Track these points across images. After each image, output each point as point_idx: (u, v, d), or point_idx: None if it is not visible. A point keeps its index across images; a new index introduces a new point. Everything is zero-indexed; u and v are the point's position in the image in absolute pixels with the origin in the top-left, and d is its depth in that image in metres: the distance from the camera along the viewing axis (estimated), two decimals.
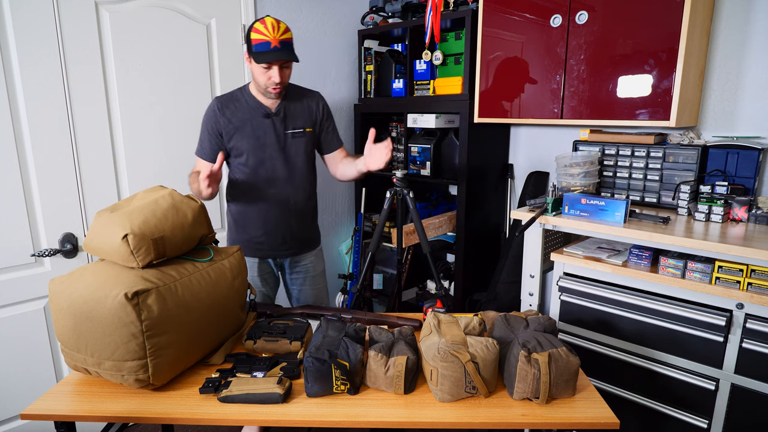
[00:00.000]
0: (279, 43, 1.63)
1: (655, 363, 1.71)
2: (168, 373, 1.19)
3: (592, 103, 1.93)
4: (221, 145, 1.79)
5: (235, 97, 1.80)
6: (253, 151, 1.78)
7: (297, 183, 1.86)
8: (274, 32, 1.62)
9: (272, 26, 1.62)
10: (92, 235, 1.22)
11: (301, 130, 1.84)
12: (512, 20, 2.11)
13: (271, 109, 1.80)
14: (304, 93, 1.89)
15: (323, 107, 1.92)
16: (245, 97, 1.80)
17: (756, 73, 1.87)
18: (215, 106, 1.77)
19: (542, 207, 1.90)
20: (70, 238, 1.94)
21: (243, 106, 1.78)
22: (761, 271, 1.47)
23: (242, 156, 1.79)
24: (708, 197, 1.76)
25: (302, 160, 1.86)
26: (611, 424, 1.10)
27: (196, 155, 1.84)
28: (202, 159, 1.81)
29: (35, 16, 1.77)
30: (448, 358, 1.12)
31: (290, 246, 1.92)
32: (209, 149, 1.79)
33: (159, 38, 2.10)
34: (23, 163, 1.82)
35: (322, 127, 1.92)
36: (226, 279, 1.33)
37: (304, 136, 1.85)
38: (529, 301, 2.04)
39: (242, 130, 1.77)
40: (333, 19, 2.78)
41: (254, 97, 1.79)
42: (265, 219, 1.85)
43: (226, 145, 1.79)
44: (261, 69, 1.67)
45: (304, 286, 2.00)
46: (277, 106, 1.80)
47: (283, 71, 1.69)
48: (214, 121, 1.77)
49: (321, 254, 2.06)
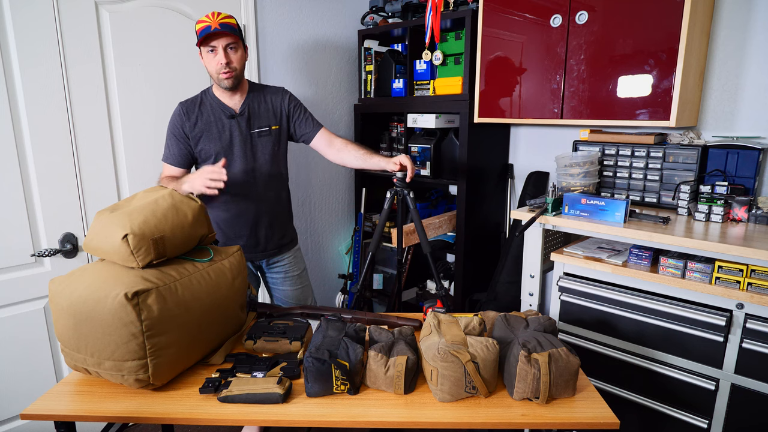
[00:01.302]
0: (219, 24, 1.65)
1: (655, 363, 1.71)
2: (168, 373, 1.19)
3: (592, 103, 1.93)
4: (189, 150, 1.79)
5: (199, 100, 1.81)
6: (220, 153, 1.78)
7: (266, 184, 1.85)
8: (213, 18, 1.66)
9: (213, 14, 1.67)
10: (92, 235, 1.22)
11: (266, 128, 1.83)
12: (512, 20, 2.11)
13: (235, 110, 1.80)
14: (267, 90, 1.88)
15: (288, 99, 1.89)
16: (209, 100, 1.80)
17: (756, 73, 1.87)
18: (180, 111, 1.78)
19: (542, 207, 1.90)
20: (70, 238, 1.94)
21: (207, 108, 1.79)
22: (761, 271, 1.47)
23: (210, 159, 1.78)
24: (708, 197, 1.76)
25: (269, 159, 1.85)
26: (611, 424, 1.10)
27: (163, 160, 1.83)
28: (169, 165, 1.81)
29: (35, 16, 1.77)
30: (448, 358, 1.12)
31: (264, 248, 1.91)
32: (177, 154, 1.79)
33: (159, 38, 2.10)
34: (23, 163, 1.82)
35: (291, 120, 1.90)
36: (226, 279, 1.33)
37: (271, 134, 1.84)
38: (529, 301, 2.04)
39: (208, 132, 1.77)
40: (333, 19, 2.78)
41: (217, 98, 1.80)
42: (237, 222, 1.84)
43: (194, 148, 1.79)
44: (210, 56, 1.70)
45: (284, 287, 2.00)
46: (241, 106, 1.80)
47: (228, 53, 1.70)
48: (180, 126, 1.77)
49: (300, 254, 2.06)
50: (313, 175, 2.83)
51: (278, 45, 2.55)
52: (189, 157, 1.81)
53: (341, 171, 2.98)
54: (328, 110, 2.83)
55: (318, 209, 2.91)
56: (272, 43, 2.52)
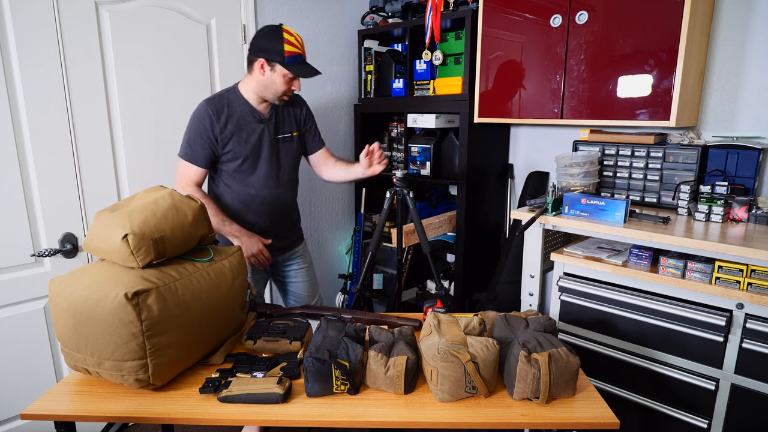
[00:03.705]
0: (306, 56, 1.74)
1: (655, 363, 1.71)
2: (168, 373, 1.19)
3: (592, 103, 1.93)
4: (214, 150, 1.77)
5: (227, 100, 1.78)
6: (248, 156, 1.80)
7: (285, 186, 1.93)
8: (301, 46, 1.73)
9: (298, 40, 1.72)
10: (92, 235, 1.22)
11: (289, 134, 1.91)
12: (512, 20, 2.11)
13: (264, 115, 1.82)
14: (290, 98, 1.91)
15: (306, 110, 1.99)
16: (238, 101, 1.79)
17: (756, 73, 1.87)
18: (208, 111, 1.74)
19: (542, 207, 1.90)
20: (70, 238, 1.94)
21: (236, 110, 1.78)
22: (761, 271, 1.47)
23: (237, 161, 1.79)
24: (708, 197, 1.76)
25: (290, 164, 1.94)
26: (611, 424, 1.10)
27: (185, 159, 1.77)
28: (193, 164, 1.77)
29: (35, 17, 1.77)
30: (448, 358, 1.12)
31: (283, 245, 1.98)
32: (202, 154, 1.76)
33: (159, 38, 2.10)
34: (23, 163, 1.82)
35: (305, 130, 1.99)
36: (226, 279, 1.33)
37: (292, 140, 1.93)
38: (529, 301, 2.04)
39: (238, 134, 1.78)
40: (333, 19, 2.78)
41: (247, 101, 1.80)
42: (259, 220, 1.88)
43: (220, 150, 1.78)
44: (284, 78, 1.73)
45: (297, 280, 2.08)
46: (269, 111, 1.83)
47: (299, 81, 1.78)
48: (210, 127, 1.74)
49: (307, 249, 2.16)
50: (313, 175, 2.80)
51: None
52: (213, 157, 1.79)
53: None
54: (328, 110, 2.83)
55: (318, 209, 2.91)
56: None
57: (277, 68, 1.71)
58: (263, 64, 1.72)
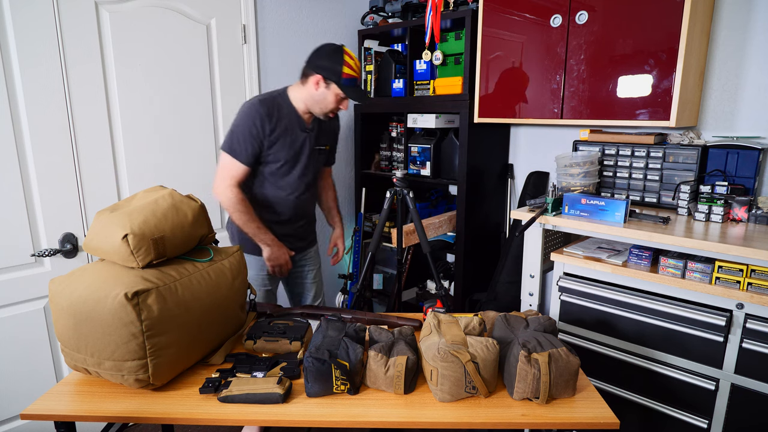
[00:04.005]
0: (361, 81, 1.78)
1: (655, 363, 1.71)
2: (168, 373, 1.19)
3: (592, 103, 1.93)
4: (260, 150, 1.77)
5: (278, 103, 1.79)
6: (288, 160, 1.83)
7: (311, 192, 2.00)
8: (358, 70, 1.79)
9: (357, 63, 1.78)
10: (92, 235, 1.22)
11: (323, 147, 1.99)
12: (512, 20, 2.11)
13: (308, 124, 1.87)
14: None
15: (338, 127, 2.08)
16: (287, 106, 1.81)
17: (756, 73, 1.87)
18: (261, 111, 1.73)
19: (542, 207, 1.90)
20: (70, 238, 1.94)
21: (285, 114, 1.80)
22: (761, 271, 1.47)
23: (277, 163, 1.82)
24: (708, 197, 1.76)
25: (317, 172, 2.02)
26: (611, 424, 1.10)
27: (233, 157, 1.74)
28: (236, 160, 1.74)
29: (35, 17, 1.77)
30: (448, 358, 1.12)
31: (301, 245, 2.07)
32: (252, 153, 1.75)
33: (159, 38, 2.10)
34: (23, 163, 1.82)
35: (333, 145, 2.09)
36: (226, 279, 1.33)
37: (324, 153, 2.02)
38: (529, 301, 2.04)
39: (284, 139, 1.80)
40: (333, 19, 2.78)
41: (295, 109, 1.82)
42: (289, 221, 1.96)
43: (264, 150, 1.78)
44: (336, 97, 1.78)
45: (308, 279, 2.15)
46: (312, 122, 1.88)
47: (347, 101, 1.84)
48: (261, 126, 1.73)
49: (318, 251, 2.23)
50: None
51: (278, 45, 2.55)
52: (257, 156, 1.78)
53: (341, 171, 2.98)
54: None
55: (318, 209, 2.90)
56: (272, 43, 2.52)
57: (332, 87, 1.75)
58: (320, 80, 1.75)
